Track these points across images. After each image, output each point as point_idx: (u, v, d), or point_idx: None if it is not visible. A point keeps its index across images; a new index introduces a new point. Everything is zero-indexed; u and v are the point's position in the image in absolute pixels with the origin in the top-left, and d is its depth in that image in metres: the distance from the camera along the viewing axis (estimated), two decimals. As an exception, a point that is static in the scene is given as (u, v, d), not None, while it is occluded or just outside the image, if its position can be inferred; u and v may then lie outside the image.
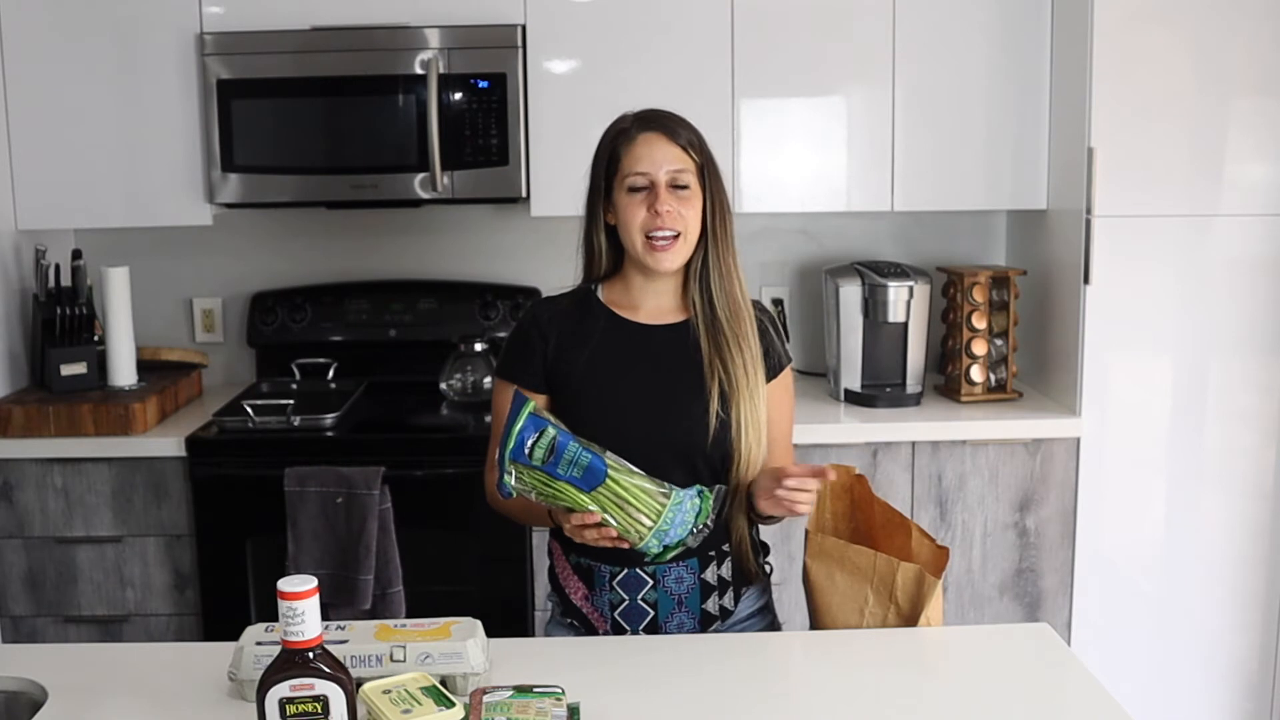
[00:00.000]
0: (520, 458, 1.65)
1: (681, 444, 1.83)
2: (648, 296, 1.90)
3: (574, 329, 1.89)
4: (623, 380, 1.86)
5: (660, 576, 1.84)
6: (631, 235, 1.83)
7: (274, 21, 2.88)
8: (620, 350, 1.88)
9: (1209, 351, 2.84)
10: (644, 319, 1.90)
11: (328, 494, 2.66)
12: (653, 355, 1.87)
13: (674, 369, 1.86)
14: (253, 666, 1.50)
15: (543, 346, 1.88)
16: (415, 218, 3.29)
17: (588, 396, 1.85)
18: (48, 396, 2.86)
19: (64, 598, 2.83)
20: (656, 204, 1.80)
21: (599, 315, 1.90)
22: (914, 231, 3.33)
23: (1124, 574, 2.88)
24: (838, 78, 2.98)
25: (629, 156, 1.83)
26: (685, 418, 1.83)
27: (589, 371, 1.86)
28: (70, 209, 2.99)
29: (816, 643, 1.83)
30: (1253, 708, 2.94)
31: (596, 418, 1.81)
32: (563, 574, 1.92)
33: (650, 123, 1.85)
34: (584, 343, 1.87)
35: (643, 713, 1.52)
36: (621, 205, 1.83)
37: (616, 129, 1.87)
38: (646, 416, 1.83)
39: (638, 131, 1.84)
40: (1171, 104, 2.76)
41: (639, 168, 1.82)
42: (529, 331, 1.91)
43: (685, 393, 1.85)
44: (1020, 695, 1.58)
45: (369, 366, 3.23)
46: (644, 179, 1.82)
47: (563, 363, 1.87)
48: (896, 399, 2.99)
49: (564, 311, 1.91)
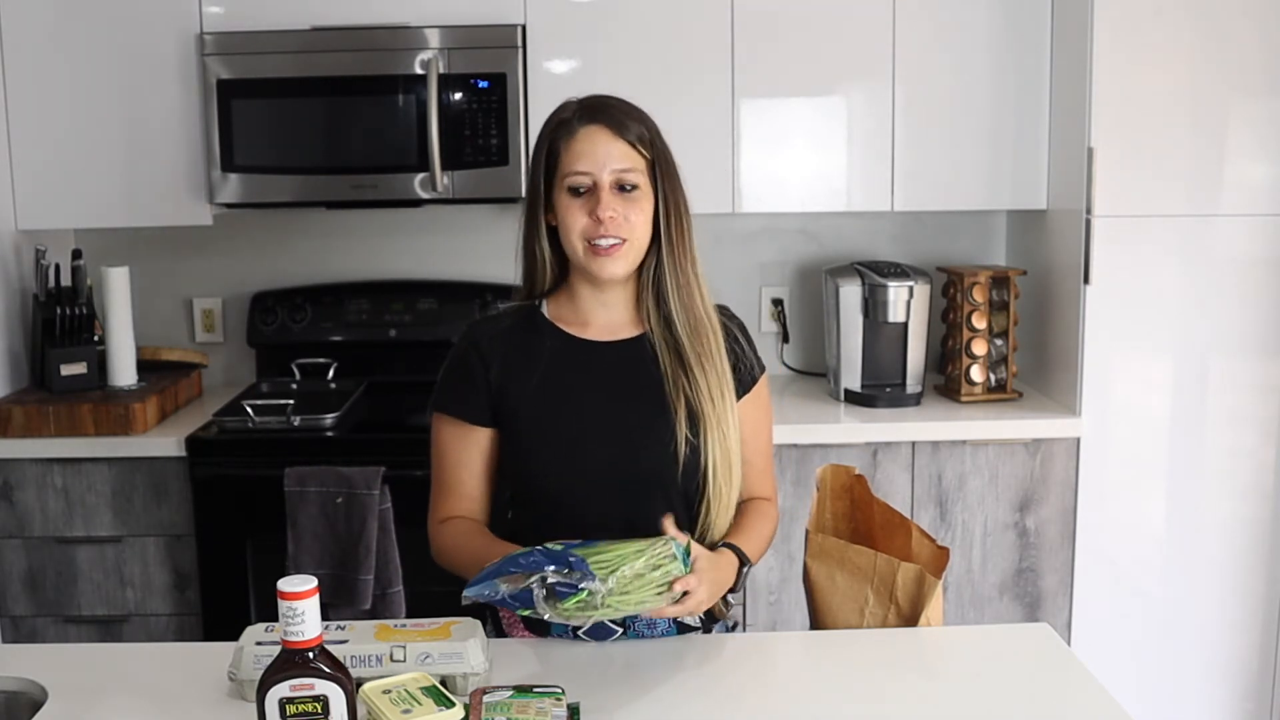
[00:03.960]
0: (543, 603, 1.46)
1: (649, 473, 1.68)
2: (597, 310, 1.73)
3: (519, 351, 1.71)
4: (578, 406, 1.69)
5: (630, 622, 1.69)
6: (572, 241, 1.66)
7: (274, 21, 2.88)
8: (572, 372, 1.70)
9: (1209, 351, 2.84)
10: (594, 335, 1.73)
11: (328, 494, 2.66)
12: (608, 376, 1.71)
13: (632, 390, 1.70)
14: (253, 666, 1.50)
15: (484, 374, 1.70)
16: (415, 218, 3.29)
17: (540, 427, 1.68)
18: (48, 396, 2.86)
19: (64, 598, 2.83)
20: (598, 209, 1.63)
21: (545, 334, 1.72)
22: (914, 231, 3.33)
23: (1124, 574, 2.88)
24: (838, 78, 2.98)
25: (569, 153, 1.65)
26: (653, 443, 1.68)
27: (540, 398, 1.69)
28: (70, 209, 2.99)
29: (816, 643, 1.83)
30: (1253, 708, 2.94)
31: (552, 450, 1.67)
32: (508, 620, 1.76)
33: (594, 114, 1.67)
34: (531, 366, 1.70)
35: (643, 713, 1.52)
36: (561, 207, 1.66)
37: (557, 119, 1.68)
38: (608, 445, 1.68)
39: (580, 124, 1.66)
40: (1171, 104, 2.76)
41: (579, 166, 1.64)
42: (467, 358, 1.71)
43: (648, 416, 1.69)
44: (1020, 695, 1.58)
45: (369, 366, 3.23)
46: (586, 179, 1.64)
47: (509, 391, 1.69)
48: (896, 399, 2.98)
49: (505, 332, 1.72)
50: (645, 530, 1.58)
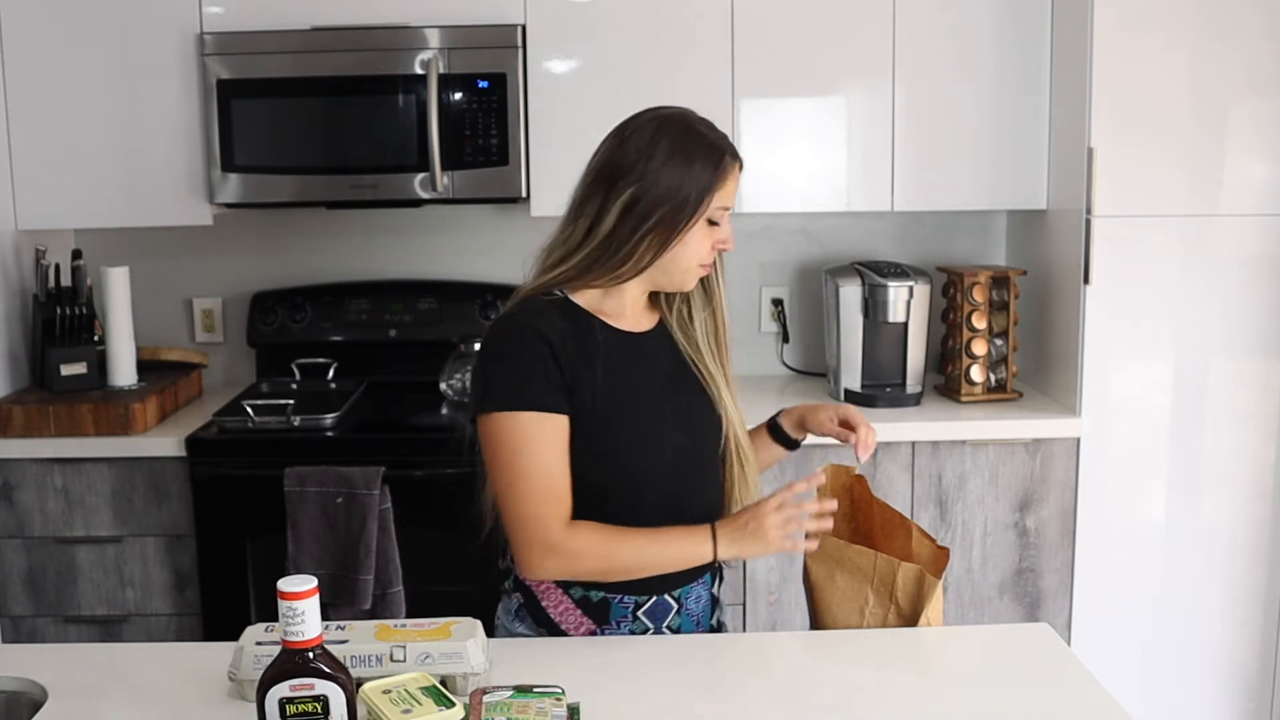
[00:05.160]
0: None
1: (704, 450, 1.81)
2: (631, 304, 1.80)
3: (578, 344, 1.72)
4: (642, 394, 1.77)
5: (684, 599, 1.80)
6: (689, 262, 1.74)
7: (274, 21, 2.88)
8: (626, 362, 1.76)
9: (1209, 351, 2.84)
10: (628, 326, 1.79)
11: (328, 494, 2.66)
12: (653, 364, 1.80)
13: (675, 375, 1.81)
14: (253, 666, 1.50)
15: (558, 366, 1.69)
16: (415, 218, 3.29)
17: (615, 418, 1.72)
18: (48, 396, 2.86)
19: (64, 598, 2.83)
20: (720, 242, 1.74)
21: (594, 328, 1.75)
22: (914, 231, 3.33)
23: (1124, 574, 2.88)
24: (838, 78, 2.98)
25: (723, 190, 1.72)
26: (703, 422, 1.82)
27: (608, 389, 1.72)
28: (70, 209, 2.99)
29: (816, 643, 1.83)
30: (1253, 708, 2.94)
31: (632, 439, 1.73)
32: (557, 610, 1.77)
33: (736, 155, 1.76)
34: (592, 359, 1.72)
35: (643, 713, 1.52)
36: (695, 233, 1.72)
37: (718, 155, 1.72)
38: (675, 427, 1.78)
39: (732, 163, 1.74)
40: (1171, 104, 2.76)
41: (727, 202, 1.74)
42: (539, 351, 1.69)
43: (694, 397, 1.82)
44: (1020, 695, 1.58)
45: (369, 366, 3.23)
46: (725, 215, 1.74)
47: (582, 384, 1.70)
48: (896, 399, 2.98)
49: (561, 327, 1.72)
50: (694, 506, 1.76)
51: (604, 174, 1.72)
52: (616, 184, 1.70)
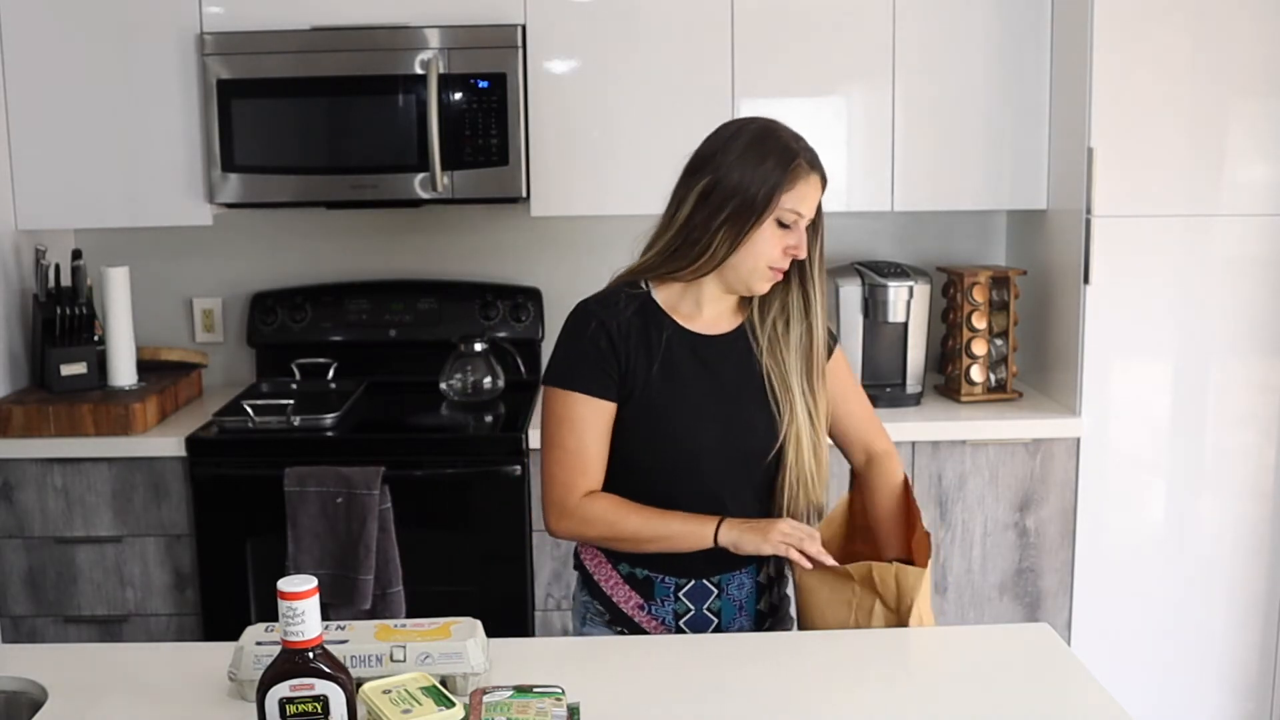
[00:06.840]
0: None
1: (745, 454, 1.84)
2: (710, 306, 1.85)
3: (641, 337, 1.81)
4: (692, 392, 1.82)
5: (724, 585, 1.86)
6: (757, 263, 1.77)
7: (274, 21, 2.88)
8: (686, 361, 1.82)
9: (1209, 351, 2.84)
10: (701, 328, 1.84)
11: (328, 494, 2.66)
12: (714, 368, 1.84)
13: (735, 382, 1.84)
14: (253, 666, 1.50)
15: (614, 356, 1.79)
16: (415, 218, 3.29)
17: (661, 409, 1.80)
18: (48, 396, 2.86)
19: (64, 598, 2.83)
20: (792, 247, 1.77)
21: (663, 324, 1.82)
22: (914, 231, 3.33)
23: (1124, 574, 2.88)
24: (838, 78, 2.98)
25: (793, 193, 1.75)
26: (750, 432, 1.83)
27: (662, 383, 1.80)
28: (70, 209, 2.99)
29: (817, 643, 1.83)
30: (1253, 708, 2.94)
31: (671, 431, 1.80)
32: (608, 583, 1.87)
33: (815, 164, 1.79)
34: (651, 354, 1.80)
35: (643, 713, 1.52)
36: (762, 234, 1.76)
37: (790, 156, 1.76)
38: (717, 429, 1.82)
39: (809, 170, 1.77)
40: (1171, 104, 2.76)
41: (800, 208, 1.76)
42: (598, 339, 1.80)
43: (748, 407, 1.83)
44: (1020, 695, 1.58)
45: (369, 366, 3.23)
46: (796, 219, 1.77)
47: (636, 375, 1.80)
48: (896, 399, 2.99)
49: (629, 321, 1.81)
50: (732, 510, 1.80)
51: (690, 166, 1.81)
52: (696, 174, 1.78)
